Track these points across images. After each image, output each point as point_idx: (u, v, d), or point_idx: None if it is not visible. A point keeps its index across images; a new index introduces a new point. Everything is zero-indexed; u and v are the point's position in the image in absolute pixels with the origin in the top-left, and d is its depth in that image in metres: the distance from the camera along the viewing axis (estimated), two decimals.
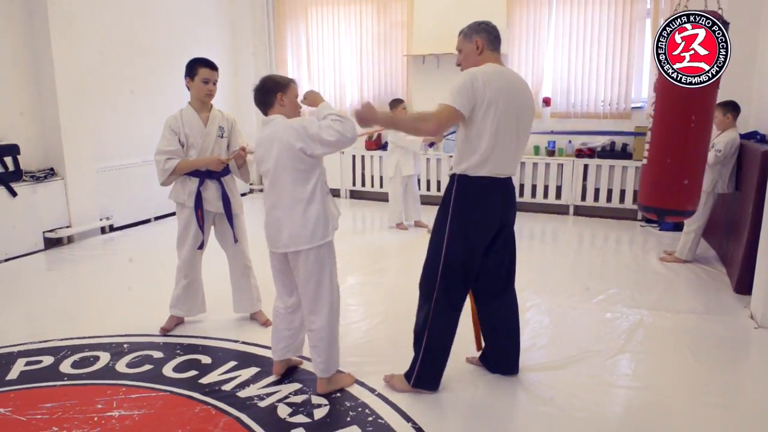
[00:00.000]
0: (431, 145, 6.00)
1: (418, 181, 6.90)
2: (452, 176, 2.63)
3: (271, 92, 2.65)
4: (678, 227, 4.94)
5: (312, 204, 2.58)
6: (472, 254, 2.63)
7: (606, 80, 6.50)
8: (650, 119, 3.51)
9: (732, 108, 4.53)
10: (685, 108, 3.32)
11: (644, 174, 3.59)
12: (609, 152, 6.47)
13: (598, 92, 6.54)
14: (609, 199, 6.54)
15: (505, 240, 2.74)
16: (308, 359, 3.00)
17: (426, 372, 2.72)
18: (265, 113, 2.69)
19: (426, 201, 6.73)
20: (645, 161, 3.57)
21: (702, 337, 3.41)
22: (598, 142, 6.57)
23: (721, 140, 4.48)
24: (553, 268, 4.77)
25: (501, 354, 2.94)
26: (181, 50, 6.52)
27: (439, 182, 7.29)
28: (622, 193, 6.46)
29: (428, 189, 7.31)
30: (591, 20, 6.45)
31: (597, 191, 6.57)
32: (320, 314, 2.67)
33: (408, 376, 2.75)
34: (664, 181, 3.43)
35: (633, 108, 6.44)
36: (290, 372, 2.97)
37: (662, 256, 4.94)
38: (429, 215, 6.10)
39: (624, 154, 6.42)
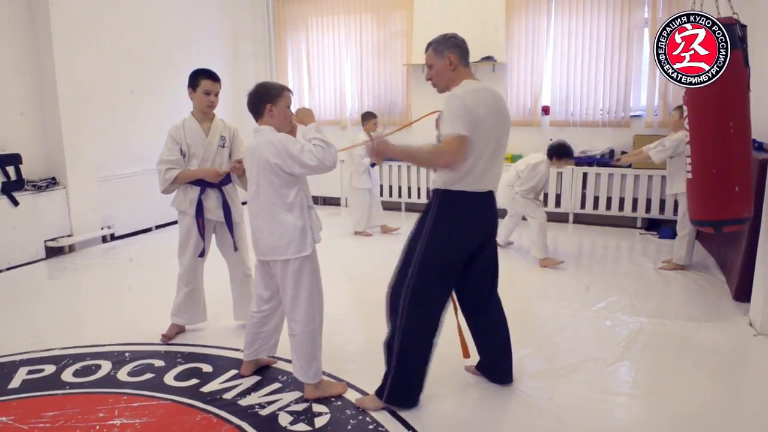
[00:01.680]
0: (373, 165, 6.12)
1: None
2: (434, 191, 2.61)
3: (261, 102, 2.66)
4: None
5: (288, 217, 2.63)
6: (448, 268, 2.60)
7: (605, 89, 6.52)
8: (687, 135, 3.42)
9: None
10: (721, 115, 3.25)
11: (692, 189, 3.46)
12: (608, 160, 6.49)
13: (597, 101, 6.57)
14: (608, 207, 6.55)
15: (489, 252, 2.74)
16: (285, 360, 3.08)
17: (400, 387, 2.64)
18: (257, 121, 2.71)
19: (420, 209, 6.79)
20: (690, 176, 3.47)
21: (701, 345, 3.42)
22: (597, 150, 6.59)
23: (670, 138, 4.70)
24: (552, 276, 4.78)
25: (493, 365, 2.93)
26: (182, 59, 6.57)
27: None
28: (622, 201, 6.48)
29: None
30: (589, 29, 6.49)
31: (596, 199, 6.59)
32: (298, 322, 2.72)
33: (380, 392, 2.67)
34: (714, 192, 3.31)
35: (632, 116, 6.47)
36: (262, 371, 3.05)
37: (661, 265, 4.95)
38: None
39: None
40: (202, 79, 3.30)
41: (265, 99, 2.65)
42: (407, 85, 7.38)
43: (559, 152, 4.96)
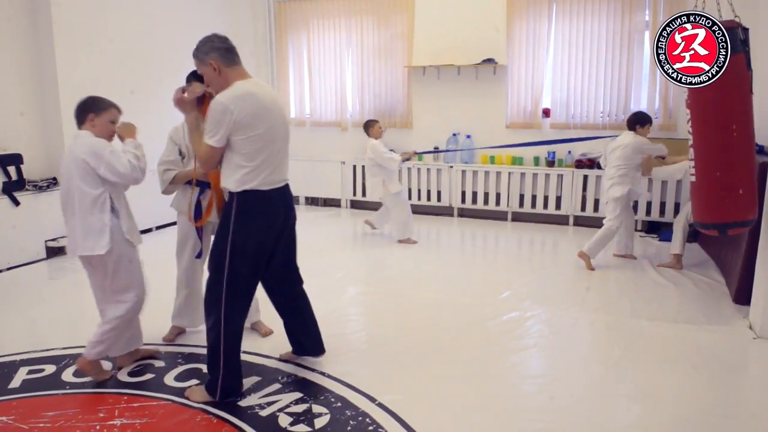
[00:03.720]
0: (406, 160, 5.94)
1: (409, 191, 7.04)
2: (231, 194, 2.66)
3: (85, 111, 2.83)
4: None
5: (94, 216, 2.78)
6: (256, 265, 2.73)
7: (605, 91, 6.53)
8: (690, 137, 3.40)
9: None
10: (724, 119, 3.24)
11: (695, 192, 3.44)
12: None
13: (597, 103, 6.58)
14: None
15: (288, 239, 2.89)
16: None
17: (230, 382, 2.76)
18: (79, 128, 2.87)
19: (422, 211, 6.84)
20: (693, 179, 3.46)
21: (701, 348, 3.42)
22: (598, 152, 6.59)
23: None
24: (552, 279, 4.78)
25: (304, 335, 3.09)
26: (183, 61, 6.51)
27: (429, 191, 7.33)
28: None
29: (428, 199, 7.34)
30: (590, 32, 6.50)
31: (597, 202, 6.59)
32: (104, 311, 2.96)
33: (211, 388, 2.76)
34: (718, 195, 3.30)
35: None
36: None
37: (660, 263, 4.97)
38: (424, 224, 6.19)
39: None
40: (194, 81, 3.32)
41: (90, 109, 2.84)
42: (408, 87, 7.39)
43: (640, 119, 4.92)
